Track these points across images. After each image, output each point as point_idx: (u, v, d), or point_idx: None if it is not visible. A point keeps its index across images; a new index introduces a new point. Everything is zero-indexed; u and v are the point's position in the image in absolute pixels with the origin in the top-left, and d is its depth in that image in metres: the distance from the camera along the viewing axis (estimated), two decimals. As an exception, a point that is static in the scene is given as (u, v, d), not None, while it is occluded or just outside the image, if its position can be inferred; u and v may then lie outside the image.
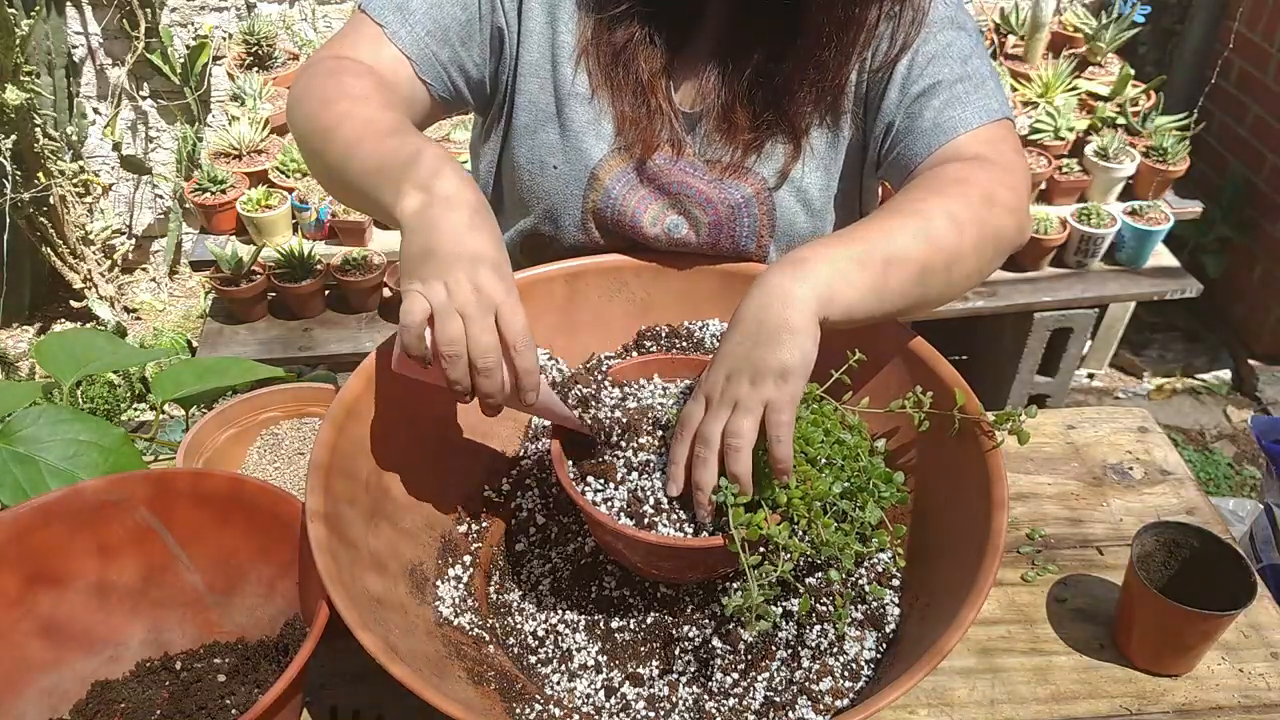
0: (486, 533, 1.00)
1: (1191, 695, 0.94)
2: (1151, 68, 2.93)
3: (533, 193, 1.10)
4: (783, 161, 1.07)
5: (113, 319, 2.89)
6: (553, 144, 1.07)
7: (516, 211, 1.14)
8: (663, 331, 1.09)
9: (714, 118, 1.05)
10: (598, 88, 1.05)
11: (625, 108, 1.04)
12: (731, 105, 1.04)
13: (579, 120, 1.06)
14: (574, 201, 1.08)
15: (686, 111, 1.06)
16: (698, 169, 1.07)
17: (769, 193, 1.07)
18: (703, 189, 1.06)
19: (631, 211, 1.07)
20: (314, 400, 1.16)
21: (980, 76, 1.00)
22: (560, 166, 1.07)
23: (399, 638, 0.81)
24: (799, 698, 0.84)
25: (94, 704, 0.87)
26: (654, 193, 1.07)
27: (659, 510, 0.84)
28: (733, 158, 1.06)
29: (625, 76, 1.04)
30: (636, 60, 1.03)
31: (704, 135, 1.07)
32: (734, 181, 1.07)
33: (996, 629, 1.00)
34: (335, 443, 0.88)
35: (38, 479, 0.97)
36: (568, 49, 1.04)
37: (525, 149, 1.08)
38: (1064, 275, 2.48)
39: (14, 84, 2.46)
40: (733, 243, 1.09)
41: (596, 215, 1.09)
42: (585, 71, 1.05)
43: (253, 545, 0.91)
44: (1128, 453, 1.20)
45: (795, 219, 1.09)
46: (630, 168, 1.06)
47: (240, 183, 2.38)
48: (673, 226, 1.08)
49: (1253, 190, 2.77)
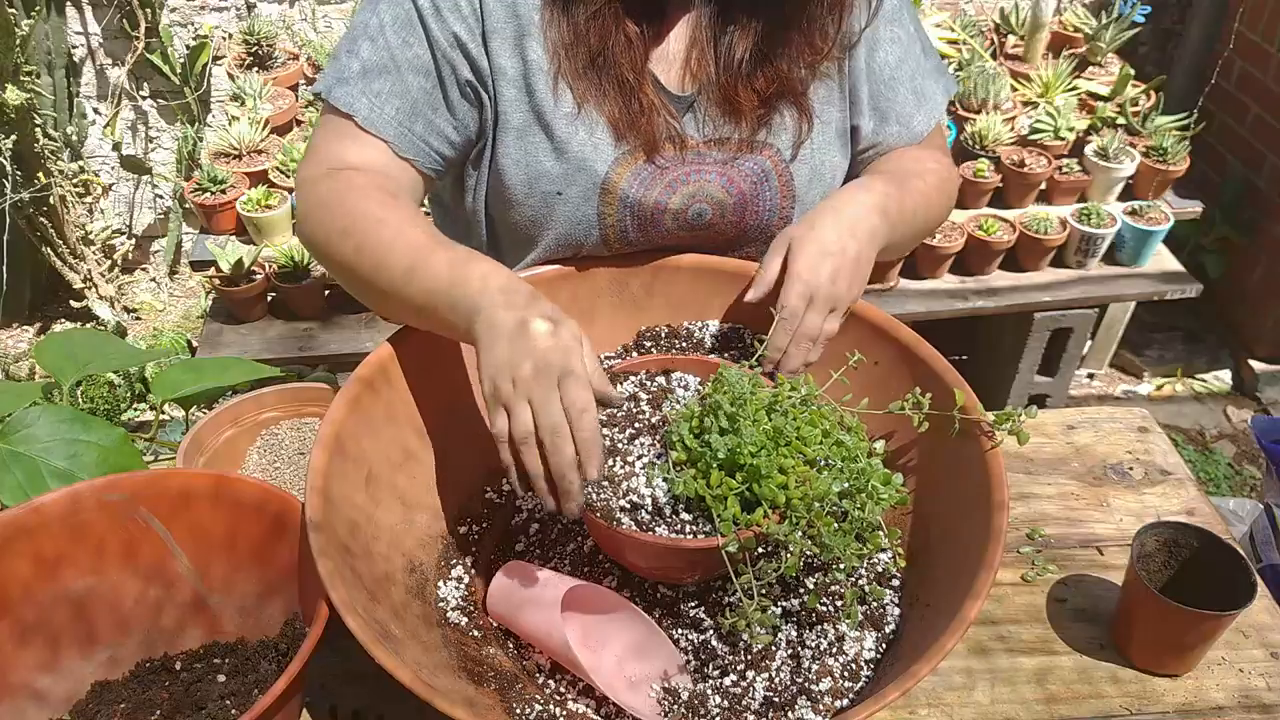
0: (487, 533, 1.00)
1: (1191, 695, 0.94)
2: (1151, 68, 2.93)
3: (541, 226, 1.07)
4: (794, 133, 1.07)
5: (113, 319, 2.89)
6: (551, 173, 1.04)
7: (520, 246, 1.11)
8: (663, 332, 1.09)
9: (713, 97, 1.04)
10: (583, 99, 1.02)
11: (616, 111, 1.02)
12: (732, 86, 1.03)
13: (573, 141, 1.02)
14: (588, 222, 1.06)
15: (680, 95, 1.05)
16: (707, 155, 1.06)
17: (785, 165, 1.08)
18: (720, 170, 1.06)
19: (651, 211, 1.06)
20: (314, 400, 1.16)
21: (931, 72, 1.14)
22: (565, 192, 1.04)
23: (399, 638, 0.81)
24: (799, 698, 0.84)
25: (94, 704, 0.88)
26: (671, 186, 1.05)
27: (658, 512, 0.84)
28: (742, 134, 1.06)
29: (608, 80, 1.01)
30: (616, 60, 1.00)
31: (704, 115, 1.06)
32: (749, 155, 1.06)
33: (996, 629, 1.00)
34: (335, 444, 0.88)
35: (38, 479, 0.98)
36: (543, 73, 1.01)
37: (523, 187, 1.05)
38: (1064, 275, 2.48)
39: (14, 84, 2.46)
40: (756, 217, 1.10)
41: (617, 229, 1.07)
42: (566, 87, 1.02)
43: (252, 545, 0.91)
44: (1128, 453, 1.20)
45: (811, 187, 1.10)
46: (640, 167, 1.04)
47: (240, 183, 2.38)
48: (696, 216, 1.08)
49: (1253, 190, 2.77)
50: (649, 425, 0.89)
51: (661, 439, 0.88)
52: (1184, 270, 2.52)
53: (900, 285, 2.45)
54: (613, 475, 0.85)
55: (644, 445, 0.88)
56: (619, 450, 0.87)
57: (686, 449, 0.84)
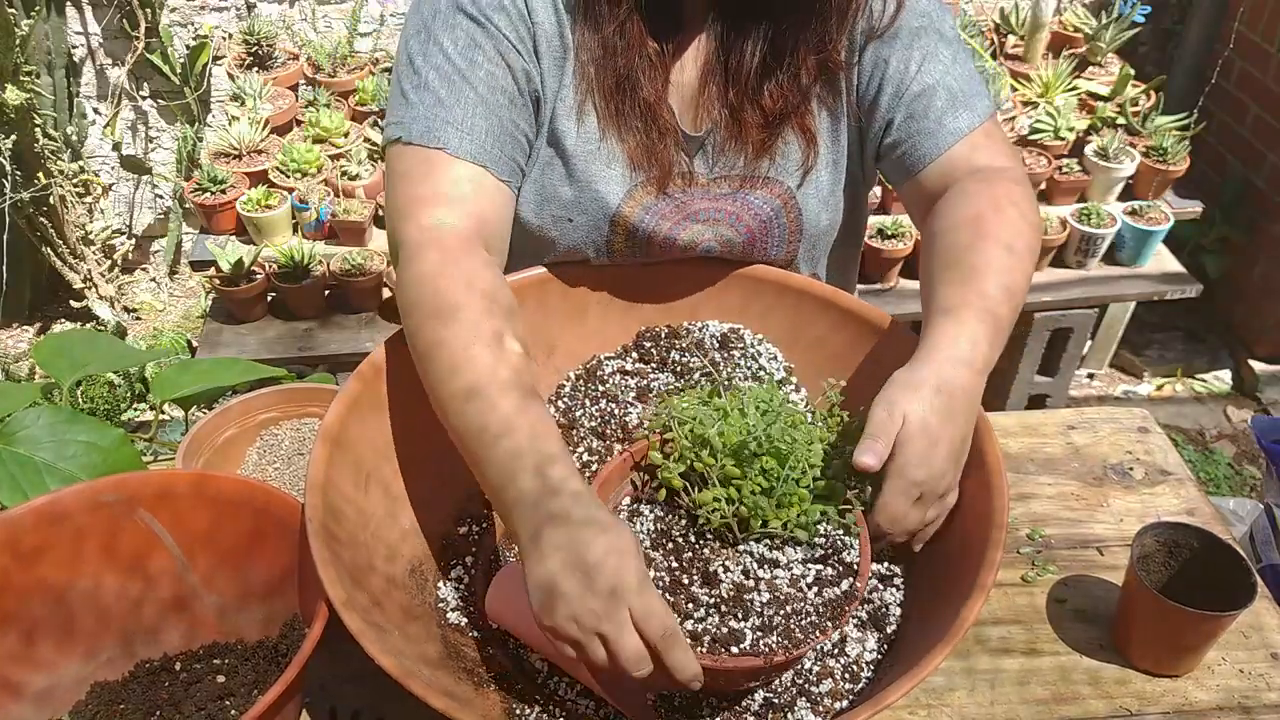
0: (487, 533, 1.00)
1: (1191, 695, 0.94)
2: (1151, 68, 2.93)
3: (550, 245, 1.08)
4: (800, 159, 1.06)
5: (113, 319, 2.89)
6: (565, 200, 1.04)
7: (526, 256, 1.11)
8: (662, 332, 1.09)
9: (723, 127, 1.04)
10: (605, 125, 1.02)
11: (634, 138, 1.02)
12: (740, 106, 1.02)
13: (588, 172, 1.03)
14: (596, 247, 1.07)
15: (691, 135, 1.05)
16: (716, 191, 1.06)
17: (793, 199, 1.07)
18: (729, 208, 1.06)
19: (661, 243, 1.06)
20: (313, 401, 1.16)
21: (970, 74, 1.03)
22: (575, 219, 1.05)
23: (399, 638, 0.81)
24: (798, 699, 0.84)
25: (94, 704, 0.87)
26: (683, 221, 1.05)
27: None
28: (746, 163, 1.05)
29: (630, 103, 1.00)
30: (639, 82, 1.00)
31: (714, 150, 1.05)
32: (757, 192, 1.06)
33: (996, 629, 1.00)
34: (335, 443, 0.88)
35: (37, 479, 0.97)
36: (569, 101, 1.01)
37: (533, 207, 1.05)
38: (1064, 275, 2.48)
39: (14, 84, 2.45)
40: (764, 253, 1.09)
41: (624, 254, 1.07)
42: (590, 115, 1.01)
43: (252, 546, 0.91)
44: (1128, 453, 1.20)
45: (819, 217, 1.09)
46: (653, 200, 1.04)
47: (240, 183, 2.38)
48: (705, 252, 1.07)
49: (1253, 190, 2.77)
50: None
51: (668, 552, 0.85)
52: (1184, 270, 2.52)
53: (900, 285, 2.45)
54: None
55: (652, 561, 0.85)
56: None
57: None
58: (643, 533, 0.84)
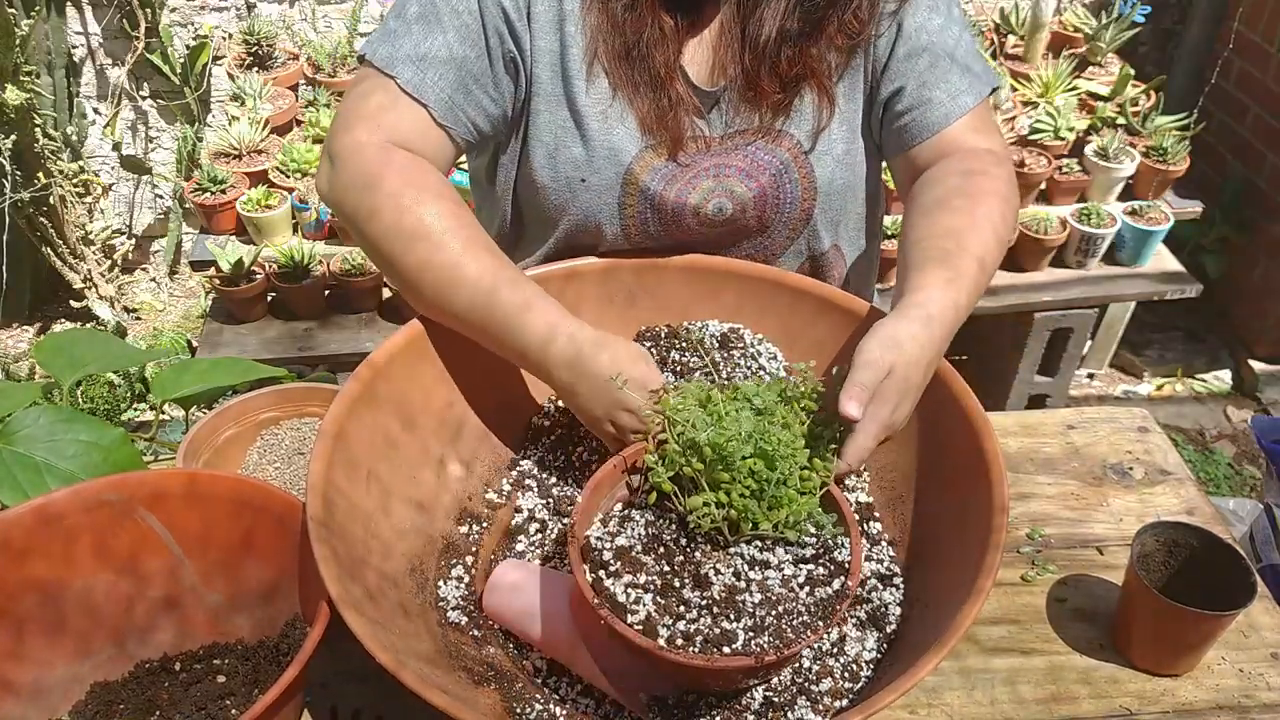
0: (487, 533, 1.00)
1: (1191, 695, 0.94)
2: (1151, 68, 2.93)
3: (563, 211, 1.08)
4: (813, 121, 1.07)
5: (113, 319, 2.89)
6: (578, 159, 1.05)
7: (543, 230, 1.12)
8: (662, 332, 1.09)
9: (738, 86, 1.04)
10: (617, 89, 1.03)
11: (646, 105, 1.03)
12: (756, 71, 1.03)
13: (601, 129, 1.04)
14: (610, 212, 1.07)
15: (706, 90, 1.05)
16: (727, 148, 1.07)
17: (805, 155, 1.07)
18: (740, 164, 1.06)
19: (673, 205, 1.06)
20: (313, 400, 1.16)
21: (973, 53, 1.08)
22: (590, 179, 1.05)
23: (399, 638, 0.81)
24: (798, 698, 0.84)
25: (94, 705, 0.88)
26: (692, 181, 1.06)
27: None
28: (761, 121, 1.06)
29: (640, 72, 1.02)
30: (650, 54, 1.01)
31: (728, 107, 1.06)
32: (767, 145, 1.06)
33: (996, 629, 1.00)
34: (336, 443, 0.88)
35: (37, 479, 0.97)
36: (578, 61, 1.03)
37: (548, 170, 1.06)
38: (1064, 275, 2.48)
39: (14, 84, 2.45)
40: (778, 210, 1.10)
41: (638, 221, 1.08)
42: (601, 76, 1.03)
43: (252, 546, 0.91)
44: (1128, 453, 1.20)
45: (834, 178, 1.10)
46: (664, 162, 1.05)
47: (240, 183, 2.38)
48: (717, 210, 1.08)
49: (1253, 190, 2.77)
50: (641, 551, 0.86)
51: (661, 556, 0.85)
52: (1184, 270, 2.52)
53: (900, 285, 2.45)
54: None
55: (646, 566, 0.85)
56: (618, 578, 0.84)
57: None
58: (634, 537, 0.84)
